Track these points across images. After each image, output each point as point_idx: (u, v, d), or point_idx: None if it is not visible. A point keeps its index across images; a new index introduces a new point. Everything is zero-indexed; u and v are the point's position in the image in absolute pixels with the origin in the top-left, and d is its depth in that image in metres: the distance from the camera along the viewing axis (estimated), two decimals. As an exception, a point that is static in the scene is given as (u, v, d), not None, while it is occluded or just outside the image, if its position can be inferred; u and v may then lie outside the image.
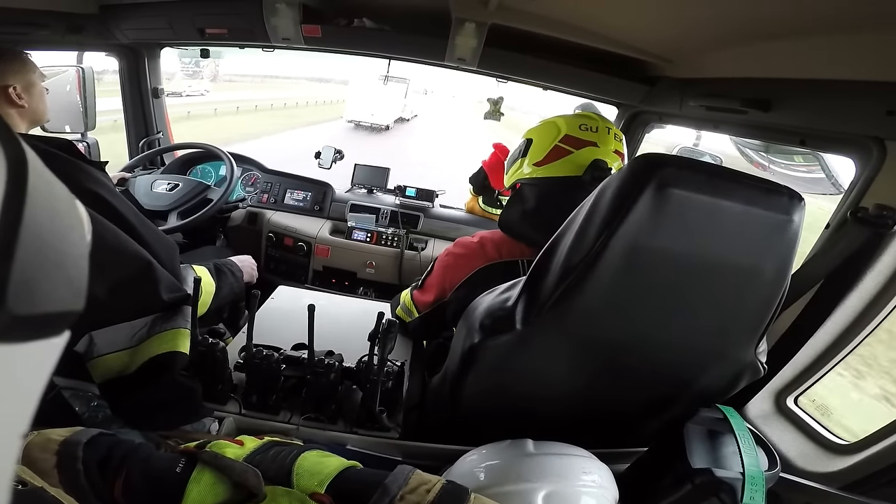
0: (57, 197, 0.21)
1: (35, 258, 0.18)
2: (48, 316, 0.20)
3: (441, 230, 2.31)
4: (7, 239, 0.17)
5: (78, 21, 1.65)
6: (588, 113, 1.18)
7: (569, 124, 1.13)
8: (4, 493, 0.20)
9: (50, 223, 0.20)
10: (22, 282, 0.18)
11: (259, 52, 1.98)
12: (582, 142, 1.10)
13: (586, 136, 1.11)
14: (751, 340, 0.80)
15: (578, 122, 1.13)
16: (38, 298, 0.19)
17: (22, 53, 1.24)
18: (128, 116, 2.29)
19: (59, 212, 0.21)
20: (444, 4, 1.49)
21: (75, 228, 0.22)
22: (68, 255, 0.21)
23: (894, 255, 0.88)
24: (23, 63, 1.22)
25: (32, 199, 0.18)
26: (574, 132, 1.11)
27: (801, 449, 1.02)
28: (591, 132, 1.11)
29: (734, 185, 0.66)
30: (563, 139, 1.11)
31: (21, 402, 0.20)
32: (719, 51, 1.24)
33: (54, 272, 0.20)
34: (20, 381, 0.20)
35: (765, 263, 0.70)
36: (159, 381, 0.92)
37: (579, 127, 1.12)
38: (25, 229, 0.18)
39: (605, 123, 1.14)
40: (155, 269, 0.95)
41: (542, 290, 0.75)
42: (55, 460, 0.51)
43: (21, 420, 0.20)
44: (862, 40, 0.87)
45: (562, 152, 1.11)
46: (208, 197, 1.94)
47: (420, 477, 0.57)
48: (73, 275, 0.22)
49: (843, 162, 1.13)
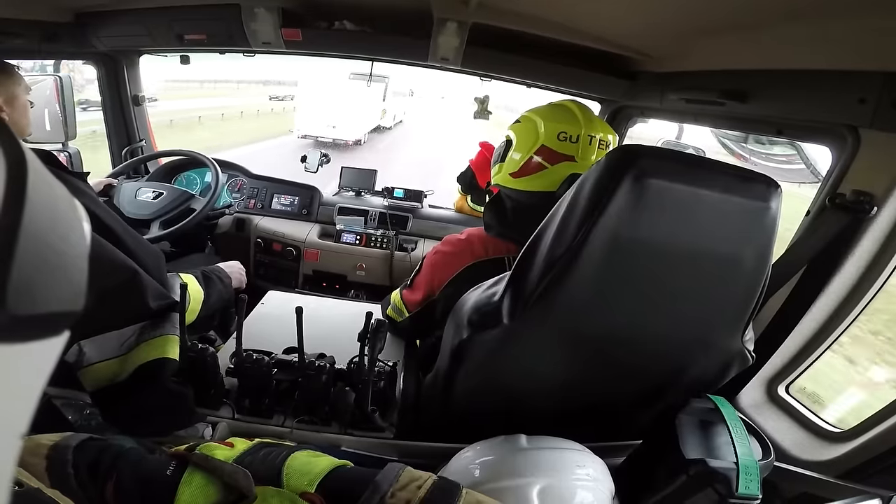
0: (57, 197, 0.21)
1: (35, 258, 0.19)
2: (48, 316, 0.20)
3: (430, 230, 2.32)
4: (7, 239, 0.17)
5: (54, 29, 1.62)
6: (570, 108, 1.11)
7: (547, 131, 1.07)
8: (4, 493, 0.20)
9: (50, 224, 0.20)
10: (22, 282, 0.18)
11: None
12: (558, 156, 1.06)
13: (563, 150, 1.05)
14: (736, 328, 0.81)
15: (558, 129, 1.06)
16: (38, 298, 0.19)
17: (7, 65, 1.22)
18: (109, 125, 2.26)
19: (58, 212, 0.21)
20: (425, 5, 1.49)
21: (75, 229, 0.23)
22: (68, 256, 0.21)
23: (873, 240, 0.90)
24: (8, 75, 1.20)
25: (32, 200, 0.19)
26: (552, 143, 1.06)
27: (795, 437, 1.02)
28: (570, 143, 1.05)
29: (712, 173, 0.67)
30: (540, 151, 1.07)
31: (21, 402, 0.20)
32: (696, 44, 1.26)
33: (54, 272, 0.20)
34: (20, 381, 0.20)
35: (744, 251, 0.71)
36: (150, 387, 0.92)
37: (558, 136, 1.06)
38: (25, 230, 0.18)
39: (587, 130, 1.06)
40: (141, 278, 0.95)
41: (527, 285, 0.76)
42: (45, 464, 0.51)
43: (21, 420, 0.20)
44: (834, 29, 0.88)
45: (537, 167, 1.07)
46: (191, 206, 1.93)
47: (411, 474, 0.57)
48: (73, 275, 0.22)
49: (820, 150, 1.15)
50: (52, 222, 0.20)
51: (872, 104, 0.84)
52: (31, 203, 0.18)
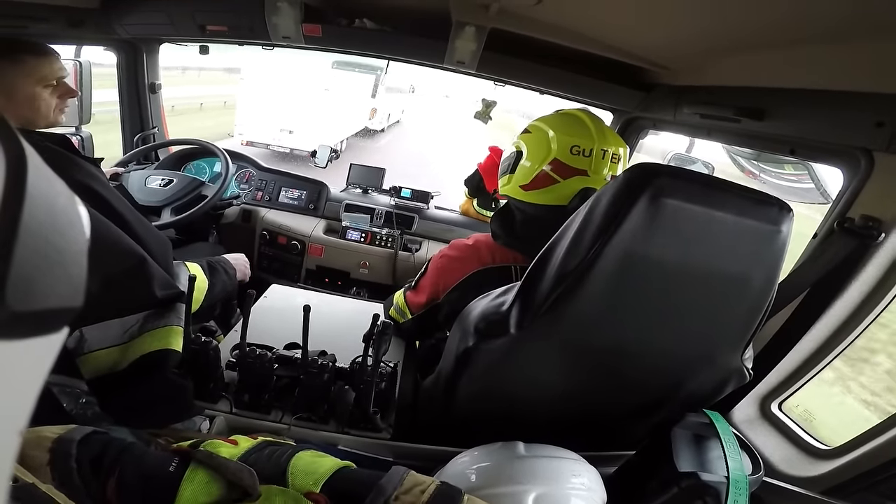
0: (56, 193, 0.21)
1: (34, 255, 0.19)
2: (47, 312, 0.20)
3: (436, 232, 2.32)
4: (6, 236, 0.17)
5: (79, 15, 1.63)
6: (583, 120, 1.09)
7: (560, 144, 1.04)
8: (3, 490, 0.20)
9: (49, 220, 0.20)
10: (21, 278, 0.18)
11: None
12: (571, 170, 1.04)
13: (576, 164, 1.04)
14: (738, 347, 0.82)
15: (571, 142, 1.04)
16: (37, 295, 0.19)
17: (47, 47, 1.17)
18: (123, 111, 2.28)
19: (58, 208, 0.21)
20: (444, 7, 1.50)
21: (74, 225, 0.22)
22: (67, 252, 0.21)
23: (878, 266, 0.90)
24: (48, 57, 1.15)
25: (32, 196, 0.19)
26: (564, 156, 1.04)
27: (784, 454, 1.03)
28: (583, 157, 1.03)
29: (726, 195, 0.67)
30: (552, 164, 1.05)
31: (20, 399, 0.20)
32: (716, 59, 1.26)
33: (53, 269, 0.20)
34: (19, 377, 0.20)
35: (753, 272, 0.71)
36: (150, 378, 0.92)
37: (571, 150, 1.03)
38: (25, 226, 0.18)
39: (600, 144, 1.04)
40: (149, 265, 0.94)
41: (537, 296, 0.76)
42: (48, 457, 0.51)
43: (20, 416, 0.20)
44: (856, 51, 0.88)
45: (548, 180, 1.06)
46: (203, 193, 1.94)
47: (414, 478, 0.58)
48: (73, 271, 0.22)
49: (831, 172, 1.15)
50: (51, 218, 0.20)
51: (890, 128, 0.84)
52: (30, 199, 0.18)
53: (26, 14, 1.40)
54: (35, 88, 1.10)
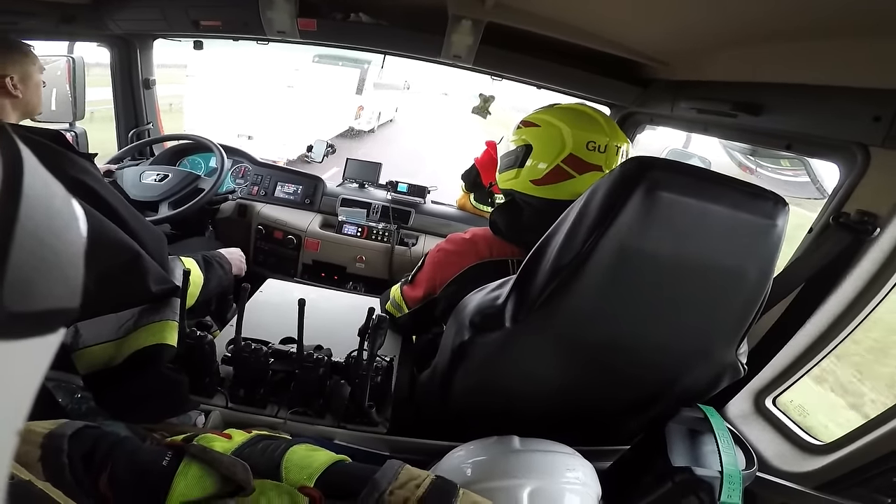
0: (52, 194, 0.21)
1: (31, 256, 0.19)
2: (44, 313, 0.20)
3: (432, 226, 2.32)
4: (2, 238, 0.17)
5: (71, 11, 1.62)
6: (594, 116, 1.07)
7: (575, 140, 1.02)
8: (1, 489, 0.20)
9: (46, 221, 0.20)
10: (17, 279, 0.18)
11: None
12: (587, 165, 1.02)
13: (592, 159, 1.02)
14: (732, 341, 0.82)
15: (587, 138, 1.02)
16: (34, 296, 0.19)
17: (23, 44, 1.24)
18: (118, 107, 2.26)
19: (54, 209, 0.21)
20: (441, 1, 1.49)
21: (71, 226, 0.22)
22: (64, 253, 0.21)
23: (873, 261, 0.90)
24: (23, 54, 1.21)
25: (28, 197, 0.19)
26: (580, 152, 1.02)
27: (777, 449, 1.04)
28: (599, 153, 1.02)
29: (722, 188, 0.67)
30: (568, 159, 1.03)
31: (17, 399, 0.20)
32: (714, 54, 1.26)
33: (50, 270, 0.20)
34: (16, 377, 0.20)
35: (748, 266, 0.71)
36: (145, 373, 0.91)
37: (586, 146, 1.02)
38: (21, 227, 0.18)
39: (612, 140, 1.04)
40: (143, 260, 0.94)
41: (532, 290, 0.76)
42: (39, 453, 0.49)
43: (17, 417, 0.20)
44: (853, 46, 0.88)
45: (563, 175, 1.04)
46: (199, 186, 1.93)
47: (409, 472, 0.58)
48: (69, 272, 0.22)
49: (827, 167, 1.15)
50: (48, 219, 0.20)
51: (886, 123, 0.84)
52: (27, 200, 0.18)
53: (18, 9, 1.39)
54: (39, 76, 1.26)
